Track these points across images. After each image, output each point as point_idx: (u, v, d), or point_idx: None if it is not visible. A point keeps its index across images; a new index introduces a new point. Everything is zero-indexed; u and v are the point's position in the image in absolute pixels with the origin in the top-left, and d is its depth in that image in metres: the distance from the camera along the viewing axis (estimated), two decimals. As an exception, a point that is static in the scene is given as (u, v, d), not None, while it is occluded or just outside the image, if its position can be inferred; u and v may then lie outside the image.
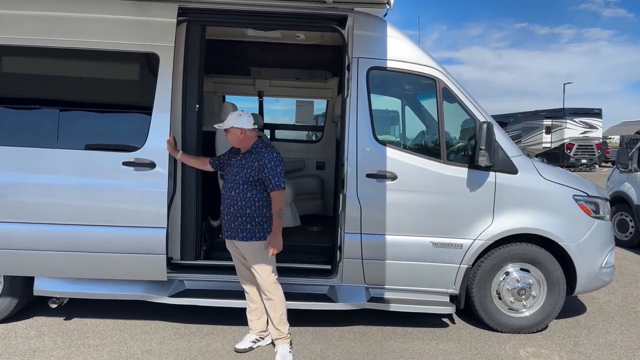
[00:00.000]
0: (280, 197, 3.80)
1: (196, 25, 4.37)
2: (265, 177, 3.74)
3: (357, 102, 4.26)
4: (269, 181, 3.74)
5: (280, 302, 3.93)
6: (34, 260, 4.18)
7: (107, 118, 4.26)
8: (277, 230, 3.78)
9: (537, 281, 4.43)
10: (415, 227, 4.29)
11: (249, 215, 3.77)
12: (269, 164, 3.75)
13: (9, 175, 4.11)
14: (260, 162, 3.75)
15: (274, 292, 3.88)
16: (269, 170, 3.73)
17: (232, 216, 3.80)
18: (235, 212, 3.78)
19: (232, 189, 3.79)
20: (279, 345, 3.94)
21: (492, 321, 4.46)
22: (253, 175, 3.75)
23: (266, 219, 3.82)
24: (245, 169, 3.77)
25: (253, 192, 3.77)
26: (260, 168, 3.74)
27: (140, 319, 4.57)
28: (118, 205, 4.16)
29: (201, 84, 4.42)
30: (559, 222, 4.35)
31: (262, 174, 3.74)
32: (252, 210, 3.78)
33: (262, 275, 3.84)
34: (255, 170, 3.75)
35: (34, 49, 4.13)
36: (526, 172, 4.35)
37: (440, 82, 4.30)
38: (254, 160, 3.78)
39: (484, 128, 4.07)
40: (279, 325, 3.92)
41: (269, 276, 3.86)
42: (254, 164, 3.76)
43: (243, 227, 3.78)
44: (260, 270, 3.84)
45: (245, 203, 3.76)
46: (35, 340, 4.12)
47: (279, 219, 3.79)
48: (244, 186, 3.76)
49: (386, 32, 4.33)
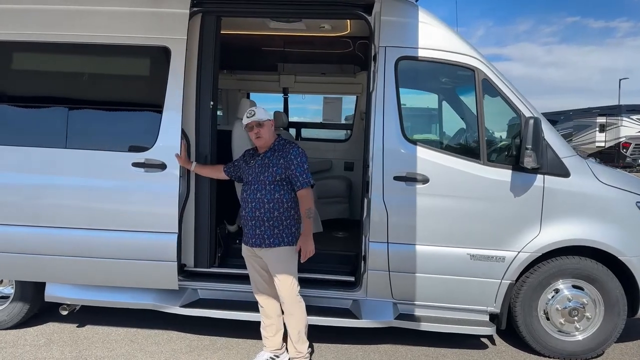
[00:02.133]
0: (309, 195, 3.48)
1: (211, 17, 4.07)
2: (292, 175, 3.44)
3: (383, 96, 3.82)
4: (296, 179, 3.44)
5: (302, 317, 3.58)
6: (43, 265, 3.99)
7: (117, 116, 4.01)
8: (308, 232, 3.47)
9: (593, 301, 3.85)
10: (449, 237, 3.82)
11: (277, 218, 3.45)
12: (295, 160, 3.44)
13: (15, 176, 3.94)
14: (286, 159, 3.45)
15: (296, 305, 3.55)
16: (296, 166, 3.44)
17: (258, 221, 3.47)
18: (262, 215, 3.45)
19: (257, 191, 3.47)
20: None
21: (538, 344, 3.91)
22: (280, 174, 3.44)
23: (294, 221, 3.51)
24: (270, 167, 3.46)
25: (281, 192, 3.46)
26: (286, 165, 3.44)
27: (152, 329, 4.32)
28: (127, 209, 3.91)
29: (216, 79, 4.11)
30: (620, 233, 3.76)
31: (289, 171, 3.44)
32: (281, 212, 3.45)
33: (285, 285, 3.51)
34: (282, 168, 3.44)
35: (40, 44, 3.94)
36: (580, 176, 3.78)
37: (479, 72, 3.80)
38: (278, 158, 3.47)
39: (530, 124, 3.54)
40: (298, 343, 3.58)
41: (293, 288, 3.53)
42: (279, 162, 3.45)
43: (270, 232, 3.46)
44: (284, 280, 3.51)
45: (273, 205, 3.44)
46: (43, 350, 3.94)
47: (308, 220, 3.46)
48: (270, 186, 3.45)
49: (418, 17, 3.86)
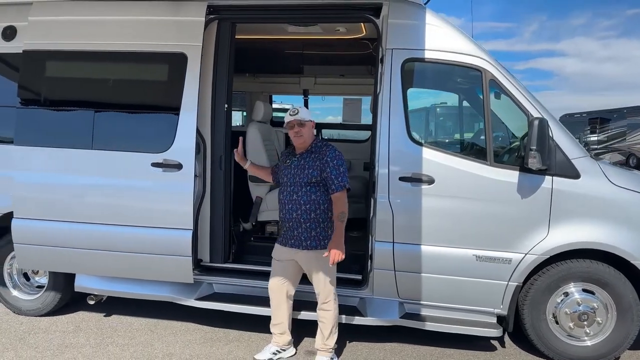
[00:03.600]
0: (343, 199, 3.53)
1: (226, 23, 4.26)
2: (327, 177, 3.51)
3: (390, 98, 3.88)
4: (331, 181, 3.50)
5: (335, 314, 3.70)
6: (72, 257, 4.31)
7: (138, 119, 4.25)
8: (339, 236, 3.50)
9: (604, 305, 3.76)
10: (455, 238, 3.83)
11: (313, 220, 3.54)
12: (331, 163, 3.51)
13: (50, 175, 4.25)
14: (322, 161, 3.52)
15: (332, 303, 3.66)
16: (332, 169, 3.50)
17: (295, 222, 3.58)
18: (299, 217, 3.56)
19: (293, 193, 3.57)
20: (320, 355, 3.73)
21: (547, 348, 3.86)
22: (315, 176, 3.52)
23: (332, 223, 3.58)
24: (306, 169, 3.55)
25: (317, 193, 3.55)
26: (322, 167, 3.51)
27: (172, 320, 4.57)
28: (147, 206, 4.14)
29: (230, 83, 4.29)
30: (633, 236, 3.65)
31: (324, 173, 3.51)
32: (318, 214, 3.55)
33: (324, 285, 3.62)
34: (318, 170, 3.52)
35: (70, 52, 4.24)
36: (591, 177, 3.70)
37: (487, 73, 3.79)
38: (314, 160, 3.55)
39: (535, 125, 3.50)
40: (329, 338, 3.70)
41: (331, 287, 3.65)
42: (315, 164, 3.54)
43: (307, 234, 3.56)
44: (323, 280, 3.62)
45: (309, 206, 3.53)
46: (71, 336, 4.25)
47: (340, 224, 3.50)
48: (306, 188, 3.54)
49: (425, 19, 3.89)
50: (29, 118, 4.29)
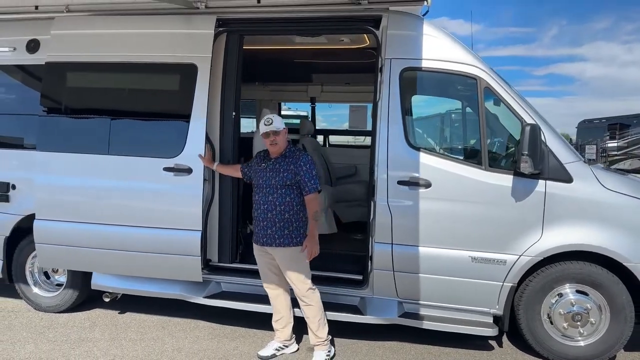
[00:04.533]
0: (316, 200, 3.80)
1: (234, 35, 4.49)
2: (301, 180, 3.74)
3: (388, 105, 4.06)
4: (304, 184, 3.74)
5: (319, 307, 3.88)
6: (88, 257, 4.55)
7: (151, 126, 4.50)
8: (313, 234, 3.77)
9: (598, 306, 3.85)
10: (451, 240, 3.97)
11: (287, 220, 3.76)
12: (304, 167, 3.75)
13: (69, 179, 4.52)
14: (296, 165, 3.75)
15: (311, 297, 3.85)
16: (305, 172, 3.74)
17: (269, 222, 3.80)
18: (273, 217, 3.78)
19: (268, 194, 3.80)
20: (316, 350, 3.90)
21: (541, 348, 3.96)
22: (290, 179, 3.75)
23: (303, 223, 3.81)
24: (281, 173, 3.78)
25: (291, 195, 3.77)
26: (296, 171, 3.74)
27: (183, 317, 4.79)
28: (158, 208, 4.37)
29: (238, 91, 4.52)
30: (625, 239, 3.74)
31: (298, 176, 3.74)
32: (291, 214, 3.77)
33: (297, 282, 3.82)
34: (292, 174, 3.75)
35: (89, 64, 4.53)
36: (583, 181, 3.81)
37: (481, 80, 3.94)
38: (289, 164, 3.78)
39: (527, 130, 3.63)
40: (318, 330, 3.87)
41: (305, 282, 3.83)
42: (289, 167, 3.76)
43: (280, 232, 3.78)
44: (296, 277, 3.82)
45: (284, 207, 3.76)
46: (87, 331, 4.50)
47: (315, 222, 3.77)
48: (281, 190, 3.77)
49: (422, 30, 4.07)
50: (50, 125, 4.57)
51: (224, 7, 4.40)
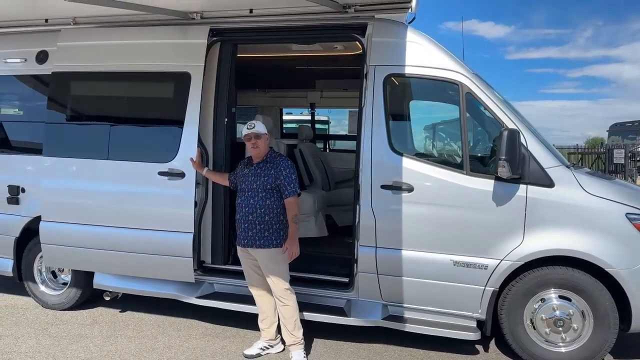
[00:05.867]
0: (295, 203, 3.92)
1: (227, 45, 4.66)
2: (281, 184, 3.88)
3: (372, 111, 4.13)
4: (284, 188, 3.87)
5: (295, 307, 3.99)
6: (89, 257, 4.78)
7: (148, 132, 4.71)
8: (293, 236, 3.90)
9: (580, 312, 3.81)
10: (433, 243, 4.01)
11: (267, 222, 3.89)
12: (284, 171, 3.88)
13: (73, 182, 4.76)
14: (277, 170, 3.89)
15: (288, 297, 3.95)
16: (285, 177, 3.87)
17: (250, 224, 3.94)
18: (254, 219, 3.92)
19: (250, 197, 3.94)
20: (293, 350, 3.99)
21: (525, 353, 3.94)
22: (270, 183, 3.88)
23: (282, 225, 3.93)
24: (262, 177, 3.91)
25: (272, 199, 3.90)
26: (276, 175, 3.88)
27: (178, 317, 4.95)
28: (153, 211, 4.56)
29: (231, 98, 4.68)
30: (607, 245, 3.71)
31: (278, 180, 3.88)
32: (271, 217, 3.90)
33: (276, 282, 3.93)
34: (272, 178, 3.88)
35: (91, 74, 4.77)
36: (565, 186, 3.79)
37: (463, 86, 3.98)
38: (269, 168, 3.92)
39: (504, 135, 3.65)
40: (294, 330, 3.97)
41: (283, 283, 3.94)
42: (270, 172, 3.90)
43: (260, 234, 3.91)
44: (275, 278, 3.93)
45: (264, 210, 3.89)
46: (87, 328, 4.71)
47: (295, 225, 3.90)
48: (262, 194, 3.90)
49: (406, 37, 4.14)
50: (55, 132, 4.83)
51: (217, 17, 4.58)
